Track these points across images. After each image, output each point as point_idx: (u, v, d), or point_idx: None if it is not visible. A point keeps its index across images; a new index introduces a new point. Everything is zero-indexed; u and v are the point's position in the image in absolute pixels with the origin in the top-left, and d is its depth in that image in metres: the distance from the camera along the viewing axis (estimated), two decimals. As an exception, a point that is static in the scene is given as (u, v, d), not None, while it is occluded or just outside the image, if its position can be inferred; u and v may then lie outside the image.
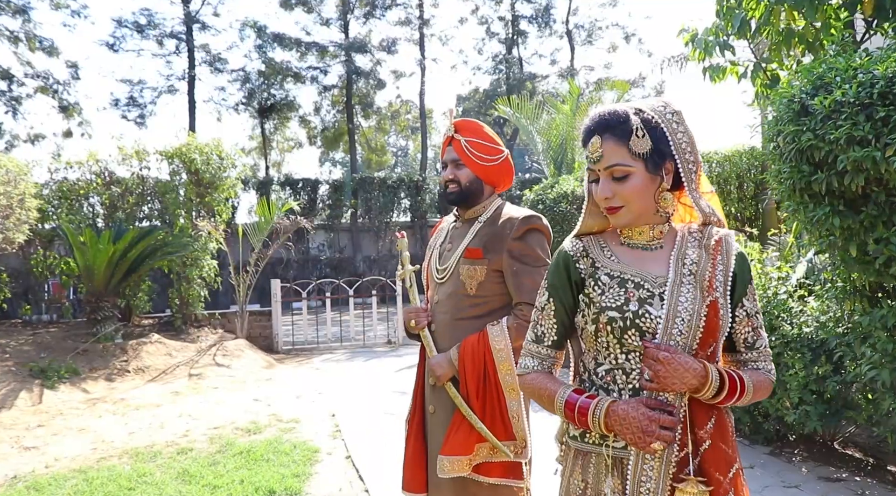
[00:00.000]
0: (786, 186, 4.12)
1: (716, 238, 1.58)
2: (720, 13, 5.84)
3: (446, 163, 2.45)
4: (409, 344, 10.70)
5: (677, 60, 11.82)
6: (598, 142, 1.52)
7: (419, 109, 25.41)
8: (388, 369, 8.68)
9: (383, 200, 20.17)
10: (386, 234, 20.34)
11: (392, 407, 6.53)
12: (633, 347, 1.50)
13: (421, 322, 2.43)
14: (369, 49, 23.62)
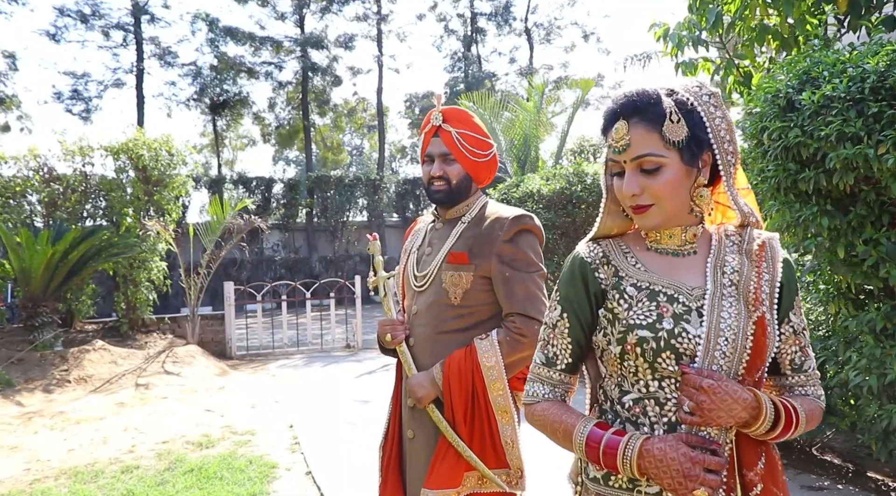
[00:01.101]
0: (769, 185, 3.96)
1: (758, 242, 1.34)
2: (693, 8, 5.69)
3: (432, 156, 2.16)
4: (369, 348, 10.38)
5: (640, 58, 11.78)
6: (624, 127, 1.27)
7: (376, 107, 25.02)
8: (347, 375, 8.36)
9: (339, 199, 19.78)
10: (342, 233, 19.96)
11: (353, 416, 6.23)
12: (667, 373, 1.25)
13: (398, 336, 2.15)
14: (326, 45, 23.13)
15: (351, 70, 25.86)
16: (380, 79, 24.46)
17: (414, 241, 2.31)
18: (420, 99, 26.27)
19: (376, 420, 6.04)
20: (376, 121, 26.45)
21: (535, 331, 2.00)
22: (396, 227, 20.93)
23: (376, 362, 9.12)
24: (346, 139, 38.60)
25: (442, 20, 25.84)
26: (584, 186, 8.36)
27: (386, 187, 20.62)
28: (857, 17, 4.87)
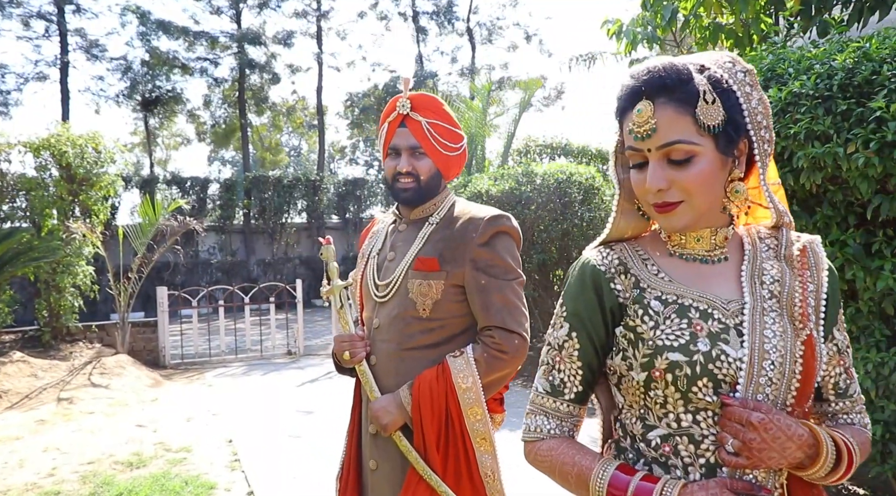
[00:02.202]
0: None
1: (799, 246, 1.14)
2: (647, 4, 5.59)
3: (398, 149, 1.91)
4: (311, 354, 10.02)
5: (585, 59, 11.75)
6: (648, 109, 1.05)
7: (316, 106, 24.48)
8: (289, 384, 7.99)
9: (278, 201, 19.23)
10: (281, 235, 19.41)
11: (297, 428, 5.90)
12: (704, 404, 1.04)
13: (357, 353, 1.88)
14: (264, 41, 22.46)
15: (290, 68, 25.21)
16: (320, 77, 23.94)
17: (373, 245, 2.05)
18: (361, 98, 25.82)
19: (321, 432, 5.74)
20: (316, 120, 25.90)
21: (515, 347, 1.77)
22: (337, 228, 20.50)
23: (319, 369, 8.78)
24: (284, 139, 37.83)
25: (383, 18, 25.50)
26: (533, 187, 8.23)
27: (326, 188, 20.17)
28: (807, 17, 4.84)
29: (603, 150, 12.78)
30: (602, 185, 8.94)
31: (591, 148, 12.57)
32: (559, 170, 8.63)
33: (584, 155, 12.32)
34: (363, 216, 20.91)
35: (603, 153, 12.76)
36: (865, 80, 3.20)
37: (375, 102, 25.13)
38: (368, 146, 35.80)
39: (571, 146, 12.53)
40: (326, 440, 5.52)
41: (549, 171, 8.53)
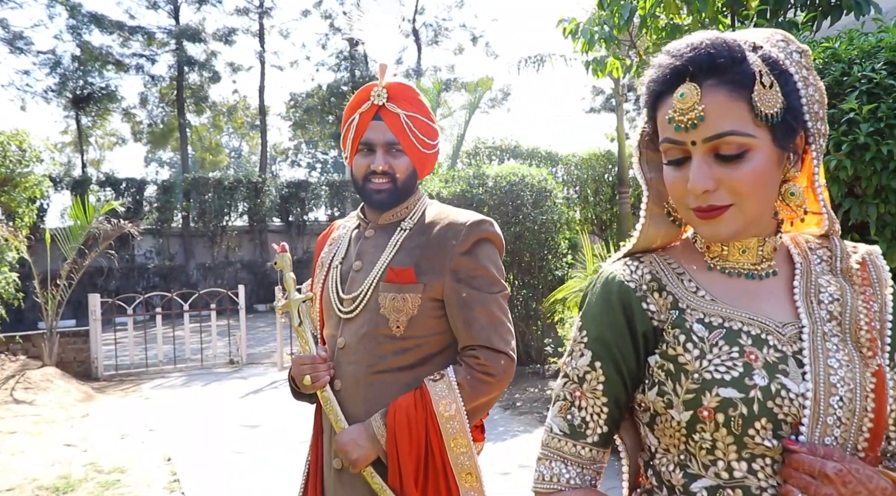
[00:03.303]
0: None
1: (857, 258, 0.97)
2: (604, 4, 5.48)
3: (372, 145, 1.68)
4: (254, 363, 9.62)
5: (534, 61, 11.68)
6: (695, 93, 0.86)
7: (258, 106, 23.85)
8: (231, 395, 7.61)
9: (218, 203, 18.60)
10: (222, 239, 18.80)
11: (240, 443, 5.57)
12: (762, 450, 0.85)
13: (320, 377, 1.65)
14: (203, 38, 21.72)
15: (231, 66, 24.49)
16: (262, 76, 23.34)
17: (334, 253, 1.82)
18: (304, 98, 25.28)
19: (266, 447, 5.43)
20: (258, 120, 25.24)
21: (503, 368, 1.57)
22: (280, 232, 19.99)
23: (263, 379, 8.42)
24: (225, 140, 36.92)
25: (327, 17, 25.00)
26: (485, 189, 8.08)
27: (268, 190, 19.63)
28: (764, 19, 4.80)
29: (553, 152, 12.75)
30: (554, 188, 8.86)
31: (541, 150, 12.52)
32: (511, 172, 8.50)
33: (533, 157, 12.26)
34: (307, 219, 20.44)
35: (553, 155, 12.73)
36: (836, 81, 3.12)
37: (319, 103, 24.65)
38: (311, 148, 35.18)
39: (521, 148, 12.46)
40: (272, 455, 5.22)
41: (500, 173, 8.40)
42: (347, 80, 24.15)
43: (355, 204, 20.64)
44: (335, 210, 20.72)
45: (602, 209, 13.16)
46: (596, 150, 12.93)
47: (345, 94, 23.47)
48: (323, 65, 25.64)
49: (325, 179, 22.15)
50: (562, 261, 8.57)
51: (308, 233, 20.02)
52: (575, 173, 12.93)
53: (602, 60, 6.05)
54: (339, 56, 25.10)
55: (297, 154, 36.60)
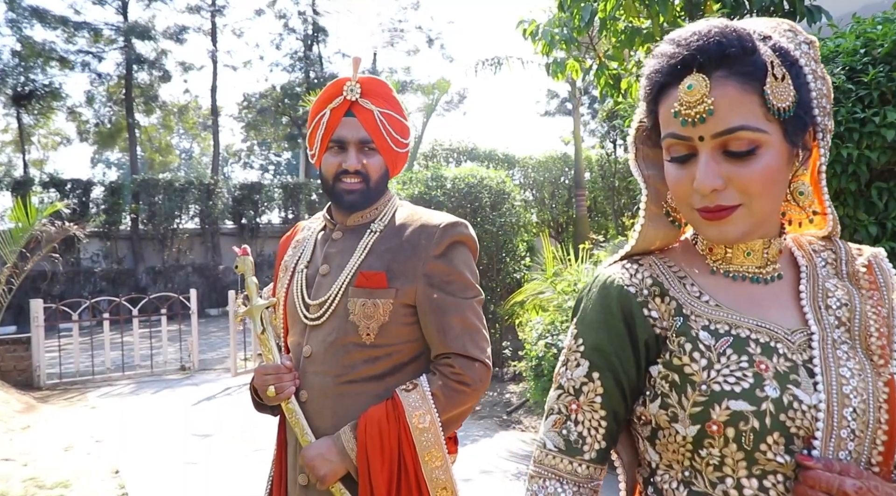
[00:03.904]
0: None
1: (863, 261, 0.92)
2: (564, 5, 5.47)
3: (344, 142, 1.59)
4: (207, 369, 9.36)
5: (491, 64, 11.69)
6: (703, 85, 0.80)
7: (211, 106, 23.37)
8: (183, 402, 7.37)
9: (169, 205, 18.15)
10: (173, 242, 18.33)
11: (193, 454, 5.38)
12: (774, 466, 0.80)
13: (285, 388, 1.54)
14: (153, 36, 21.17)
15: (182, 65, 23.94)
16: (214, 76, 22.90)
17: (299, 256, 1.71)
18: (258, 99, 24.87)
19: (220, 457, 5.26)
20: (210, 121, 24.73)
21: (479, 377, 1.50)
22: (232, 234, 19.60)
23: (216, 385, 8.19)
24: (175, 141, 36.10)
25: (282, 17, 24.62)
26: (443, 191, 8.02)
27: (220, 192, 19.22)
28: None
29: (510, 155, 12.78)
30: (512, 190, 8.85)
31: (499, 152, 12.54)
32: (470, 174, 8.46)
33: (491, 159, 12.27)
34: (260, 222, 20.08)
35: (510, 157, 12.76)
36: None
37: (273, 104, 24.30)
38: (264, 149, 34.67)
39: (478, 150, 12.45)
40: (227, 465, 5.05)
41: (459, 176, 8.35)
42: (302, 81, 23.86)
43: (309, 206, 20.38)
44: (289, 212, 20.41)
45: (559, 212, 13.25)
46: (553, 153, 13.01)
47: (299, 96, 23.17)
48: (277, 65, 25.29)
49: (278, 181, 21.77)
50: (520, 263, 8.57)
51: (261, 235, 19.68)
52: (532, 176, 12.99)
53: (562, 62, 6.04)
54: (293, 56, 24.78)
55: (249, 155, 36.05)
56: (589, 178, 13.02)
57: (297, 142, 24.80)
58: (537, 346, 4.97)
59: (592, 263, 5.84)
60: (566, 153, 13.11)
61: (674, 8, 4.97)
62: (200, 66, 24.58)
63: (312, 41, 24.41)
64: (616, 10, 5.26)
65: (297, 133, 24.22)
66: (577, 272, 6.02)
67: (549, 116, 29.29)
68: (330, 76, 24.24)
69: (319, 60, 24.56)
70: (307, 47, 24.42)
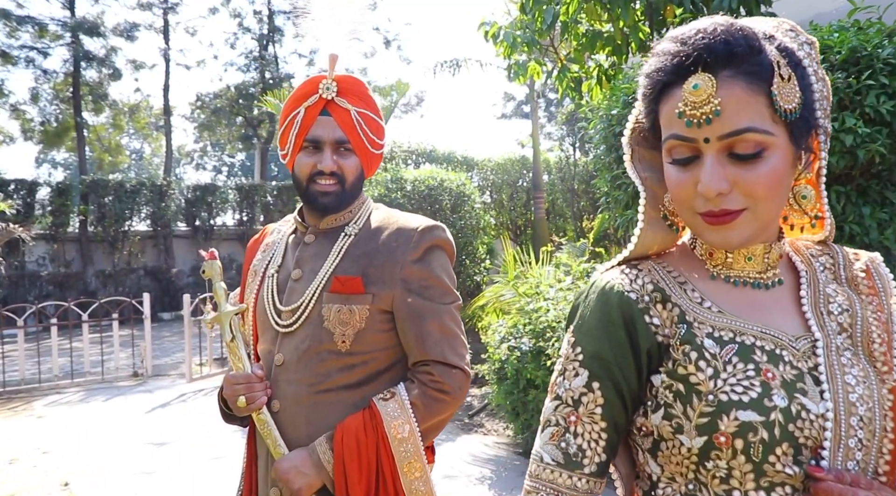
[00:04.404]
0: (626, 193, 3.77)
1: (860, 266, 0.91)
2: (526, 8, 5.49)
3: (319, 142, 1.53)
4: (161, 375, 9.12)
5: (450, 65, 11.68)
6: (709, 84, 0.78)
7: (163, 106, 22.81)
8: (136, 410, 7.15)
9: (119, 207, 17.62)
10: (123, 244, 17.82)
11: (148, 463, 5.21)
12: (782, 478, 0.78)
13: (256, 398, 1.48)
14: (102, 32, 20.54)
15: (133, 63, 23.29)
16: (167, 75, 22.32)
17: (269, 260, 1.65)
18: (212, 99, 24.40)
19: (177, 466, 5.10)
20: (162, 121, 24.16)
21: (458, 385, 1.46)
22: (186, 237, 19.17)
23: (171, 392, 7.98)
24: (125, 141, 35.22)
25: (236, 16, 24.16)
26: (403, 193, 7.98)
27: (173, 194, 18.77)
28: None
29: (469, 157, 12.79)
30: (473, 193, 8.84)
31: (458, 154, 12.53)
32: (430, 176, 8.44)
33: (450, 161, 12.26)
34: (214, 224, 19.67)
35: (469, 160, 12.76)
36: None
37: (227, 104, 23.86)
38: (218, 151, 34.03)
39: (437, 152, 12.42)
40: (184, 475, 4.90)
41: (419, 178, 8.32)
42: (257, 81, 23.49)
43: (265, 208, 20.04)
44: (244, 214, 20.05)
45: (517, 214, 13.30)
46: (511, 156, 13.06)
47: (254, 96, 22.80)
48: (232, 65, 24.82)
49: (233, 183, 21.33)
50: (480, 266, 8.56)
51: (216, 238, 19.29)
52: (490, 178, 13.01)
53: (523, 65, 6.06)
54: (248, 56, 24.37)
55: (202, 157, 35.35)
56: (547, 181, 13.11)
57: (251, 143, 24.40)
58: (500, 349, 4.96)
59: (554, 266, 5.85)
60: (524, 155, 13.17)
61: (634, 12, 5.02)
62: (152, 65, 23.98)
63: (268, 41, 24.05)
64: (578, 14, 5.30)
65: (252, 134, 23.84)
66: (539, 275, 6.03)
67: (505, 119, 29.50)
68: (286, 76, 23.93)
69: (275, 61, 24.21)
70: (262, 47, 24.04)
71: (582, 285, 4.97)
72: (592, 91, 5.82)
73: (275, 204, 19.99)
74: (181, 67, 25.23)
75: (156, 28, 22.68)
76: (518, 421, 4.97)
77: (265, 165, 23.54)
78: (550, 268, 5.91)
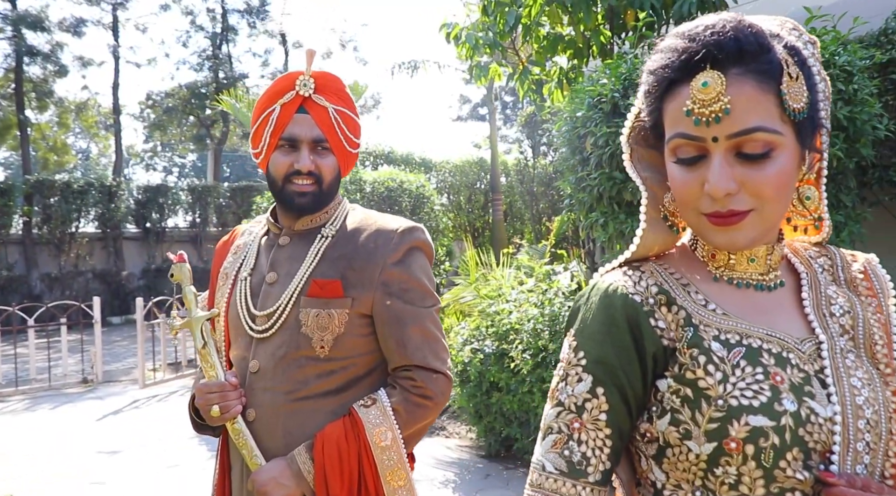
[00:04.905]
0: (591, 195, 3.79)
1: (858, 267, 0.91)
2: (488, 10, 5.50)
3: (295, 140, 1.48)
4: (112, 381, 8.84)
5: (408, 67, 11.65)
6: (719, 82, 0.77)
7: (112, 104, 22.19)
8: (87, 418, 6.91)
9: (66, 208, 17.05)
10: (70, 247, 17.26)
11: (100, 473, 5.04)
12: (793, 484, 0.77)
13: (231, 407, 1.42)
14: (47, 27, 19.88)
15: (80, 60, 22.57)
16: (116, 73, 21.72)
17: (241, 262, 1.59)
18: (163, 98, 23.84)
19: (130, 476, 4.95)
20: (111, 120, 23.49)
21: (441, 390, 1.43)
22: (136, 239, 18.68)
23: (123, 398, 7.74)
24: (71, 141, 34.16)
25: (188, 14, 23.67)
26: (363, 195, 7.91)
27: (123, 195, 18.27)
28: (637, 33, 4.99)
29: (427, 159, 12.76)
30: (432, 194, 8.82)
31: (416, 156, 12.49)
32: (389, 177, 8.39)
33: (408, 163, 12.22)
34: (166, 226, 19.21)
35: (427, 161, 12.74)
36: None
37: (180, 103, 23.35)
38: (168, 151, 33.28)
39: (395, 154, 12.37)
40: (138, 484, 4.75)
41: (378, 179, 8.26)
42: (211, 81, 23.04)
43: (218, 210, 19.65)
44: (197, 216, 19.63)
45: (475, 216, 13.33)
46: (469, 158, 13.09)
47: (207, 95, 22.37)
48: (184, 63, 24.38)
49: (186, 184, 20.84)
50: (439, 268, 8.55)
51: (168, 240, 18.85)
52: (449, 180, 13.01)
53: (485, 66, 6.07)
54: (201, 55, 23.88)
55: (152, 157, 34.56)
56: (505, 183, 13.17)
57: (204, 143, 23.91)
58: (463, 352, 4.94)
59: (516, 268, 5.87)
60: (482, 158, 13.21)
61: (596, 16, 5.06)
62: (101, 62, 23.37)
63: (222, 40, 23.61)
64: (540, 17, 5.32)
65: (206, 134, 23.37)
66: (501, 277, 6.04)
67: (461, 121, 29.60)
68: (240, 76, 23.54)
69: (229, 60, 23.79)
70: (216, 46, 23.60)
71: (545, 287, 4.99)
72: (553, 94, 5.85)
73: (228, 205, 19.63)
74: (131, 65, 24.66)
75: (104, 24, 22.06)
76: (481, 423, 4.96)
77: (218, 166, 23.10)
78: (512, 271, 5.92)
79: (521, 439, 4.63)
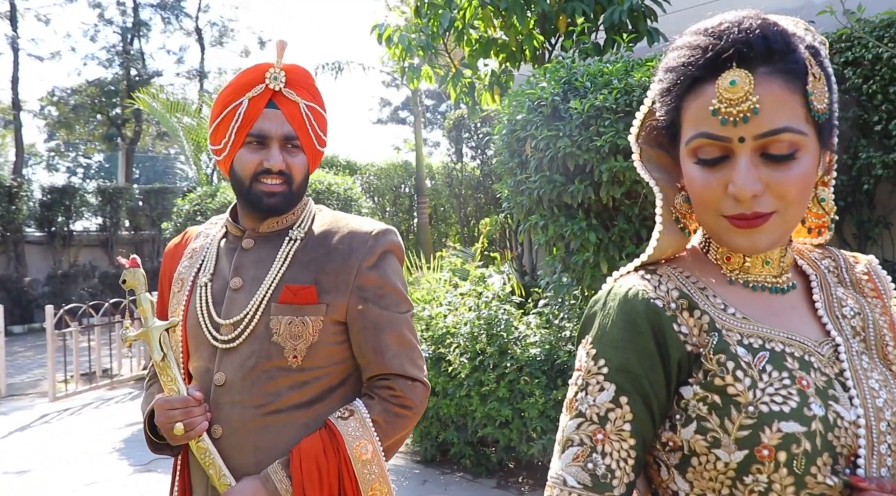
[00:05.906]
0: (530, 198, 3.81)
1: (861, 269, 0.93)
2: (421, 12, 5.47)
3: (265, 137, 1.38)
4: (17, 394, 8.28)
5: (332, 68, 11.47)
6: (747, 81, 0.75)
7: (11, 100, 20.88)
8: (-11, 435, 6.45)
9: (-39, 210, 15.93)
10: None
11: (7, 494, 4.68)
12: (822, 490, 0.76)
13: (196, 423, 1.31)
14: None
15: (-28, 51, 21.20)
16: (15, 66, 20.46)
17: (198, 267, 1.48)
18: (70, 94, 22.61)
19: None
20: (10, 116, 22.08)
21: (420, 399, 1.38)
22: (40, 243, 17.62)
23: (30, 413, 7.26)
24: (-38, 140, 32.01)
25: (96, 6, 22.53)
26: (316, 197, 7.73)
27: (25, 196, 17.19)
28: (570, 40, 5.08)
29: (352, 161, 12.61)
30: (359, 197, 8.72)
31: (341, 158, 12.33)
32: (316, 180, 8.22)
33: (333, 165, 12.03)
34: (74, 229, 18.19)
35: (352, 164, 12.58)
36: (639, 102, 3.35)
37: (87, 100, 22.21)
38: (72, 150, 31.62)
39: (321, 156, 12.16)
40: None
41: (333, 181, 8.12)
42: (122, 78, 22.02)
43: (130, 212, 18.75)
44: (107, 219, 18.69)
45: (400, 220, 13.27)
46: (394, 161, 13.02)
47: (117, 93, 21.40)
48: (92, 58, 23.11)
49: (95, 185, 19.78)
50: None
51: (75, 244, 17.86)
52: (374, 183, 12.91)
53: (417, 68, 6.04)
54: (111, 51, 22.80)
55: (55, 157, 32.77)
56: (430, 186, 13.17)
57: (114, 143, 22.83)
58: (399, 356, 4.88)
59: (449, 271, 5.86)
60: (407, 161, 13.16)
61: (529, 20, 5.12)
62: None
63: (133, 35, 22.62)
64: (473, 20, 5.33)
65: (116, 133, 22.33)
66: (434, 280, 6.01)
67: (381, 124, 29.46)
68: (154, 74, 22.62)
69: (141, 56, 22.81)
70: (127, 41, 22.59)
71: (480, 290, 4.99)
72: (482, 96, 5.88)
73: (141, 208, 18.80)
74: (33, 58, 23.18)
75: (1, 13, 20.75)
76: (417, 428, 4.91)
77: (130, 167, 22.09)
78: (445, 274, 5.90)
79: (457, 443, 4.60)
